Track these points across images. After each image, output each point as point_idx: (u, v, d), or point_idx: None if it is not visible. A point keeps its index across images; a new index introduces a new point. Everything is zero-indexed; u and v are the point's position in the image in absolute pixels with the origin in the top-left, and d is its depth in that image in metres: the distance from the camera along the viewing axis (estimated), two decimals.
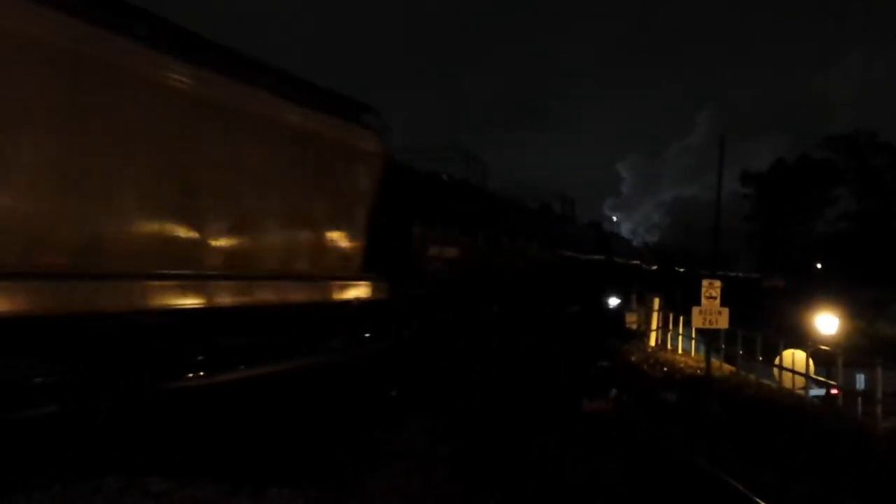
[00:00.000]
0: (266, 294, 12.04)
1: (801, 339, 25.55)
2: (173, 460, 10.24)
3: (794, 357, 23.51)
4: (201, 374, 11.14)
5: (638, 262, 50.12)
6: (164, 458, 10.19)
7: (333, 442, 12.78)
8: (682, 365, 28.18)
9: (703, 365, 24.67)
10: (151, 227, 10.13)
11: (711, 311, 22.35)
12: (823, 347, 22.64)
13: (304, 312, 12.98)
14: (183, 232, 10.53)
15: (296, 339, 13.13)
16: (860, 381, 23.97)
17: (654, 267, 55.88)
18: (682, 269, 66.48)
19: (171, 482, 9.81)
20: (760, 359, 26.17)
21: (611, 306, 42.84)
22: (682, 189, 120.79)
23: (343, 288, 13.98)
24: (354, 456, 12.29)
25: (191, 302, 10.60)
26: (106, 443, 10.00)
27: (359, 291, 14.34)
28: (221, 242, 11.20)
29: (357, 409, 14.70)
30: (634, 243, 63.84)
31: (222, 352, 11.60)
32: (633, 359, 29.80)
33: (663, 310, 36.95)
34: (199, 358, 11.16)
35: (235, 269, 11.35)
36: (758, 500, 12.32)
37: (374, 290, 14.70)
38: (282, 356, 12.89)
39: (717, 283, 22.56)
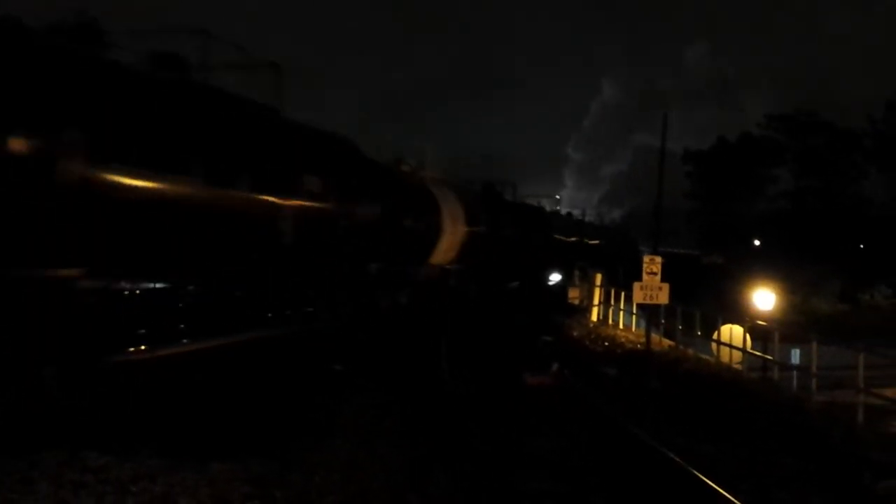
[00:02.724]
0: None
1: (738, 314, 26.02)
2: (114, 435, 10.16)
3: (732, 332, 23.97)
4: (143, 348, 11.04)
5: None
6: (105, 433, 10.10)
7: (278, 416, 12.78)
8: (623, 340, 28.55)
9: (643, 340, 25.02)
10: None
11: (652, 286, 22.63)
12: (760, 323, 23.08)
13: None
14: None
15: None
16: (795, 355, 24.53)
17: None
18: (594, 242, 59.25)
19: (110, 457, 9.73)
20: (699, 334, 26.62)
21: (552, 281, 43.02)
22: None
23: None
24: (298, 430, 12.29)
25: None
26: (44, 417, 9.87)
27: None
28: None
29: (303, 383, 14.71)
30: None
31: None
32: (575, 334, 30.11)
33: (605, 285, 37.34)
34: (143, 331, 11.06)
35: None
36: (694, 471, 12.54)
37: None
38: (226, 330, 12.84)
39: (658, 259, 22.85)
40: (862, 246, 73.93)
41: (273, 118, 15.30)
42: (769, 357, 21.65)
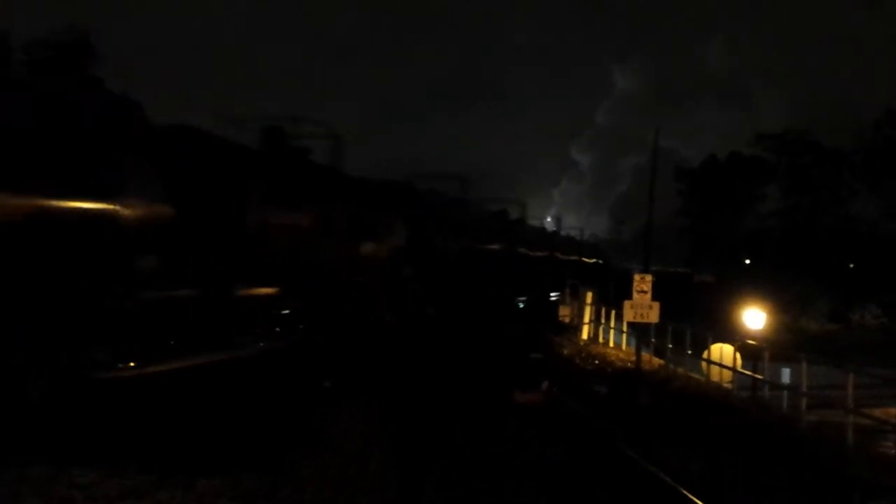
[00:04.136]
0: None
1: (729, 333, 26.07)
2: (102, 450, 10.13)
3: (722, 351, 24.00)
4: (132, 364, 11.02)
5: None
6: (93, 448, 10.07)
7: (268, 430, 12.74)
8: (613, 358, 28.57)
9: (633, 358, 25.03)
10: None
11: (642, 305, 22.66)
12: (750, 342, 23.12)
13: None
14: None
15: None
16: (785, 375, 24.57)
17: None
18: (539, 254, 49.73)
19: (98, 472, 9.70)
20: (689, 352, 26.64)
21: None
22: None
23: None
24: (289, 444, 12.25)
25: None
26: (34, 431, 9.84)
27: None
28: None
29: (293, 398, 14.68)
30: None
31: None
32: (565, 352, 30.10)
33: (596, 303, 37.36)
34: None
35: None
36: (681, 489, 12.54)
37: None
38: (216, 346, 12.83)
39: (649, 278, 22.89)
40: (852, 265, 74.23)
41: None
42: (759, 376, 21.67)
